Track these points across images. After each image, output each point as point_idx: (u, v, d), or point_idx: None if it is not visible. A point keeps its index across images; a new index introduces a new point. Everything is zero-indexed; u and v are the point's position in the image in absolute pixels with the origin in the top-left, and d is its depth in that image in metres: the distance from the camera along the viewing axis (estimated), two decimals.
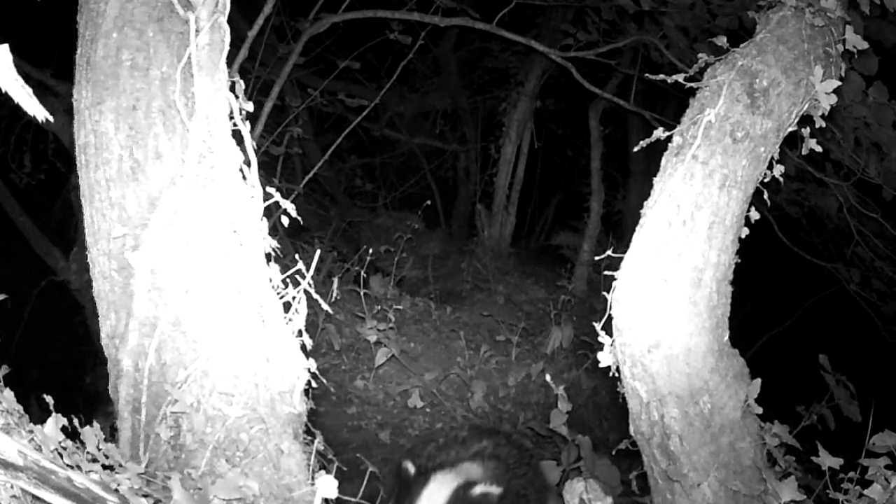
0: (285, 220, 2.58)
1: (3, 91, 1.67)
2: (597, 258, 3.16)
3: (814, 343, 4.64)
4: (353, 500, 2.80)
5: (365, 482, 3.10)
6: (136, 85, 2.37)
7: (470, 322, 6.44)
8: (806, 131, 2.87)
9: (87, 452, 2.09)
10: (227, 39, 2.37)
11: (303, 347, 2.48)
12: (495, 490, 2.89)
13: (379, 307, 5.68)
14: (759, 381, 2.78)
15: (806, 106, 2.80)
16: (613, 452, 3.39)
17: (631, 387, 2.81)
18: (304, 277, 2.48)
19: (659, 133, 2.85)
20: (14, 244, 6.98)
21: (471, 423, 3.54)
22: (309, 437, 2.56)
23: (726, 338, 2.81)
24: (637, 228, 2.77)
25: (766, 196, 2.87)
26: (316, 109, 7.81)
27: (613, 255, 2.82)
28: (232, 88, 2.42)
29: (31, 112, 1.70)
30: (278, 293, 2.45)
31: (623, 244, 2.84)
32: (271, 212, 2.75)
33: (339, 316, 5.66)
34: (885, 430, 2.69)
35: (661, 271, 2.67)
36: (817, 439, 2.77)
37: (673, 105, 7.24)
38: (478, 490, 2.85)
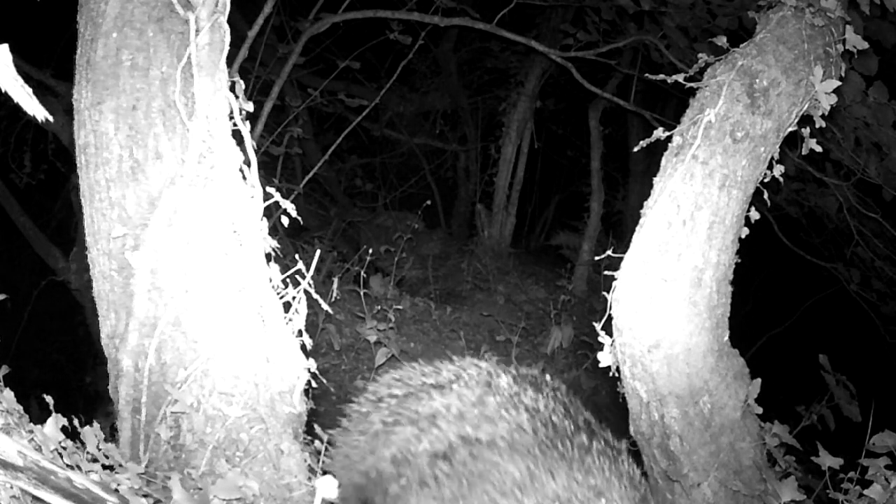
0: (285, 220, 2.58)
1: (3, 91, 1.66)
2: (597, 258, 3.16)
3: (814, 343, 4.64)
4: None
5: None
6: (136, 85, 2.37)
7: (470, 322, 6.44)
8: (806, 131, 2.87)
9: (87, 452, 2.09)
10: (227, 39, 2.37)
11: (303, 347, 2.48)
12: None
13: (379, 307, 5.68)
14: (759, 381, 2.78)
15: (806, 106, 2.80)
16: None
17: (631, 387, 2.81)
18: (304, 277, 2.48)
19: (659, 133, 2.85)
20: (14, 244, 6.98)
21: None
22: (309, 437, 2.56)
23: (726, 338, 2.81)
24: (637, 228, 2.77)
25: (766, 196, 2.87)
26: (316, 109, 7.81)
27: (613, 255, 2.82)
28: (232, 88, 2.43)
29: (31, 112, 1.69)
30: (278, 293, 2.45)
31: (623, 244, 2.84)
32: (271, 212, 2.75)
33: (339, 316, 5.65)
34: (885, 430, 2.69)
35: (661, 271, 2.67)
36: (817, 439, 2.77)
37: (673, 105, 7.24)
38: None
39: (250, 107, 2.45)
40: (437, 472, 2.46)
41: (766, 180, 2.84)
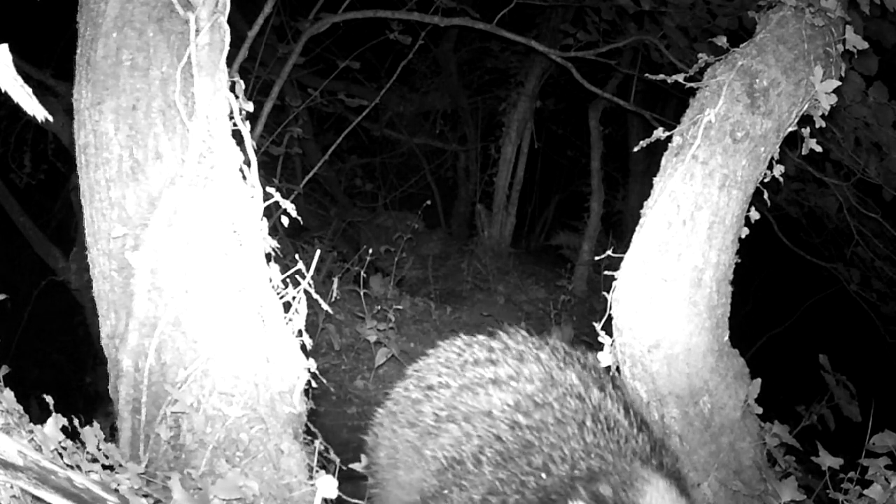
0: (285, 220, 2.58)
1: (3, 91, 1.66)
2: (597, 258, 3.16)
3: (814, 343, 4.64)
4: (352, 500, 2.79)
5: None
6: (136, 85, 2.37)
7: (470, 322, 6.43)
8: (806, 131, 2.87)
9: (87, 452, 2.09)
10: (227, 39, 2.37)
11: (303, 347, 2.48)
12: None
13: (379, 307, 5.68)
14: (759, 381, 2.78)
15: (806, 106, 2.80)
16: None
17: (631, 387, 2.81)
18: (304, 277, 2.48)
19: (659, 133, 2.86)
20: (14, 244, 6.98)
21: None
22: (309, 437, 2.56)
23: (726, 338, 2.81)
24: (637, 228, 2.77)
25: (766, 196, 2.87)
26: (316, 109, 7.81)
27: (613, 255, 2.82)
28: (232, 88, 2.43)
29: (31, 112, 1.69)
30: (278, 293, 2.45)
31: (623, 244, 2.84)
32: (271, 212, 2.75)
33: (339, 316, 5.65)
34: (885, 430, 2.69)
35: (661, 271, 2.67)
36: (817, 439, 2.77)
37: (673, 105, 7.24)
38: None
39: (250, 107, 2.45)
40: (481, 458, 2.37)
41: (766, 180, 2.84)
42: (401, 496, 2.60)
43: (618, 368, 2.84)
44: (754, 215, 2.83)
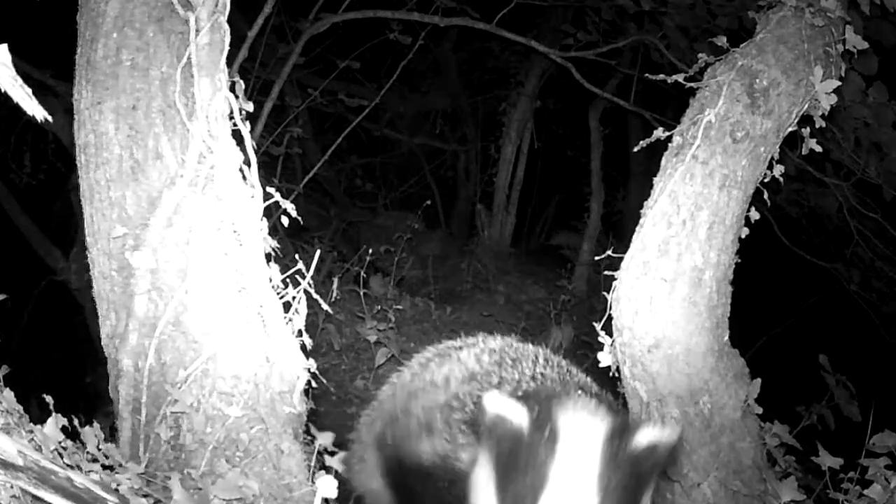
0: (285, 220, 2.58)
1: (3, 91, 1.66)
2: (597, 258, 3.17)
3: (814, 343, 4.64)
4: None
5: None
6: (136, 85, 2.37)
7: (470, 322, 6.43)
8: (806, 131, 2.87)
9: (87, 452, 2.09)
10: (227, 39, 2.38)
11: (303, 347, 2.48)
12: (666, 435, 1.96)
13: (379, 307, 5.68)
14: (759, 381, 2.79)
15: (806, 106, 2.80)
16: None
17: (631, 387, 2.81)
18: (304, 277, 2.48)
19: (659, 133, 2.86)
20: (14, 244, 6.98)
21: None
22: (309, 437, 2.56)
23: (726, 338, 2.81)
24: (637, 228, 2.77)
25: (766, 196, 2.87)
26: (316, 109, 7.80)
27: (613, 255, 2.82)
28: (232, 88, 2.43)
29: (31, 112, 1.69)
30: (278, 293, 2.45)
31: (623, 244, 2.84)
32: (271, 212, 2.75)
33: (339, 316, 5.65)
34: (885, 430, 2.69)
35: (661, 271, 2.67)
36: (817, 439, 2.77)
37: (673, 105, 7.23)
38: (645, 440, 1.93)
39: (250, 107, 2.45)
40: (450, 378, 2.65)
41: (766, 180, 2.84)
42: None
43: (618, 368, 2.84)
44: (754, 215, 2.83)
